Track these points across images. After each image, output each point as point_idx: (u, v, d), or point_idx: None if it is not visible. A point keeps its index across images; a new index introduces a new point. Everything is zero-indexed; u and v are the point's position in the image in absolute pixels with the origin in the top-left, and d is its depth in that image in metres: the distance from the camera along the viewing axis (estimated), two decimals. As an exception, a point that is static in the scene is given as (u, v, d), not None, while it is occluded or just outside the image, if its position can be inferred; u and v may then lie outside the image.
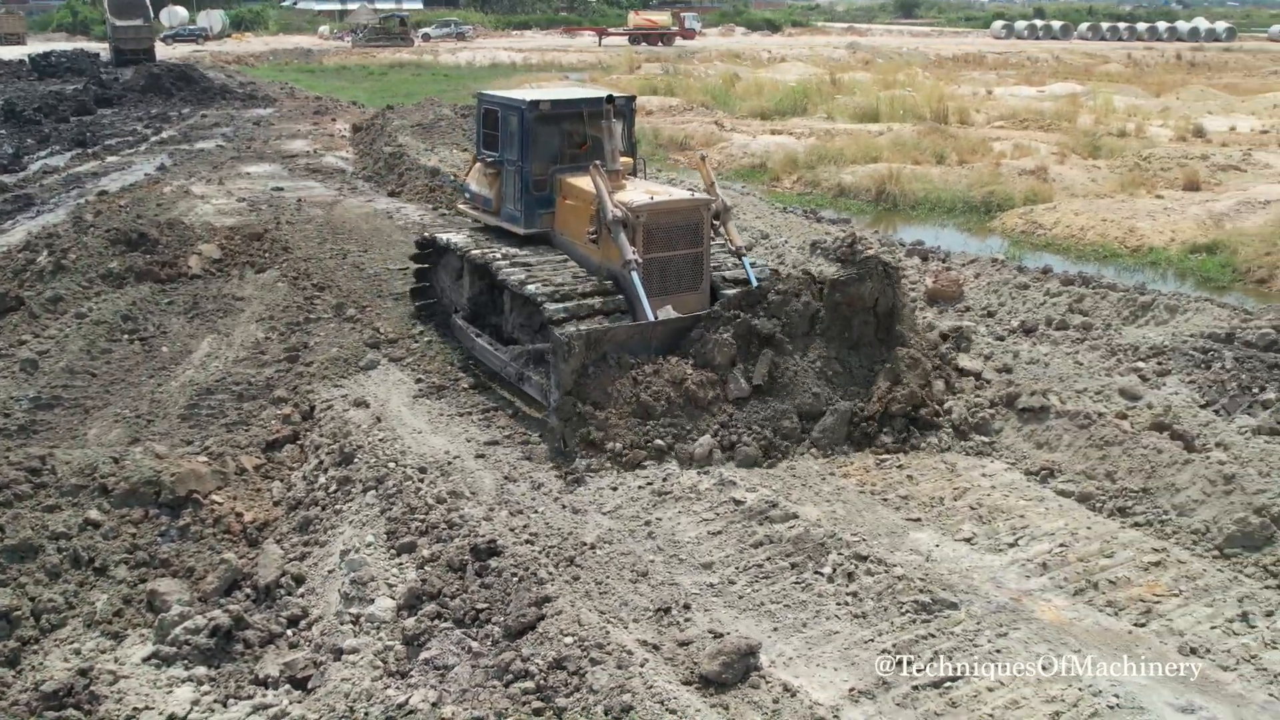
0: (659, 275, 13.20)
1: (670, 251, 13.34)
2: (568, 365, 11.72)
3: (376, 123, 33.95)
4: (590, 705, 7.50)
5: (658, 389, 11.81)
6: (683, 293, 13.44)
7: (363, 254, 20.22)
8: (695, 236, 13.52)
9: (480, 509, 10.37)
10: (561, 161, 14.68)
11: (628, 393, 11.79)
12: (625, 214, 12.96)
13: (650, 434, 11.57)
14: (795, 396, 12.04)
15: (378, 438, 11.91)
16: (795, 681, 7.78)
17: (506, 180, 14.99)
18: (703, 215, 13.59)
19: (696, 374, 11.97)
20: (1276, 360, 12.96)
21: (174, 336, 16.08)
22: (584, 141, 14.71)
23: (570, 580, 9.18)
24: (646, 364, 12.05)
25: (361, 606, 9.29)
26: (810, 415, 11.99)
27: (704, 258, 13.66)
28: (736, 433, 11.65)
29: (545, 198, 14.64)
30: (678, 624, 8.53)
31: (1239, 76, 69.69)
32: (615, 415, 11.66)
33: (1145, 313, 15.30)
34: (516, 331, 14.16)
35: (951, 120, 43.33)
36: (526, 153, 14.41)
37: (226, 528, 10.92)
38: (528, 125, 14.30)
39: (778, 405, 11.92)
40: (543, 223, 14.74)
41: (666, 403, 11.77)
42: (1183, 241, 24.40)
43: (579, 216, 13.95)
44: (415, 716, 7.87)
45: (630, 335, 12.34)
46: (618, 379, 11.87)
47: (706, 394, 11.88)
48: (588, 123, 14.60)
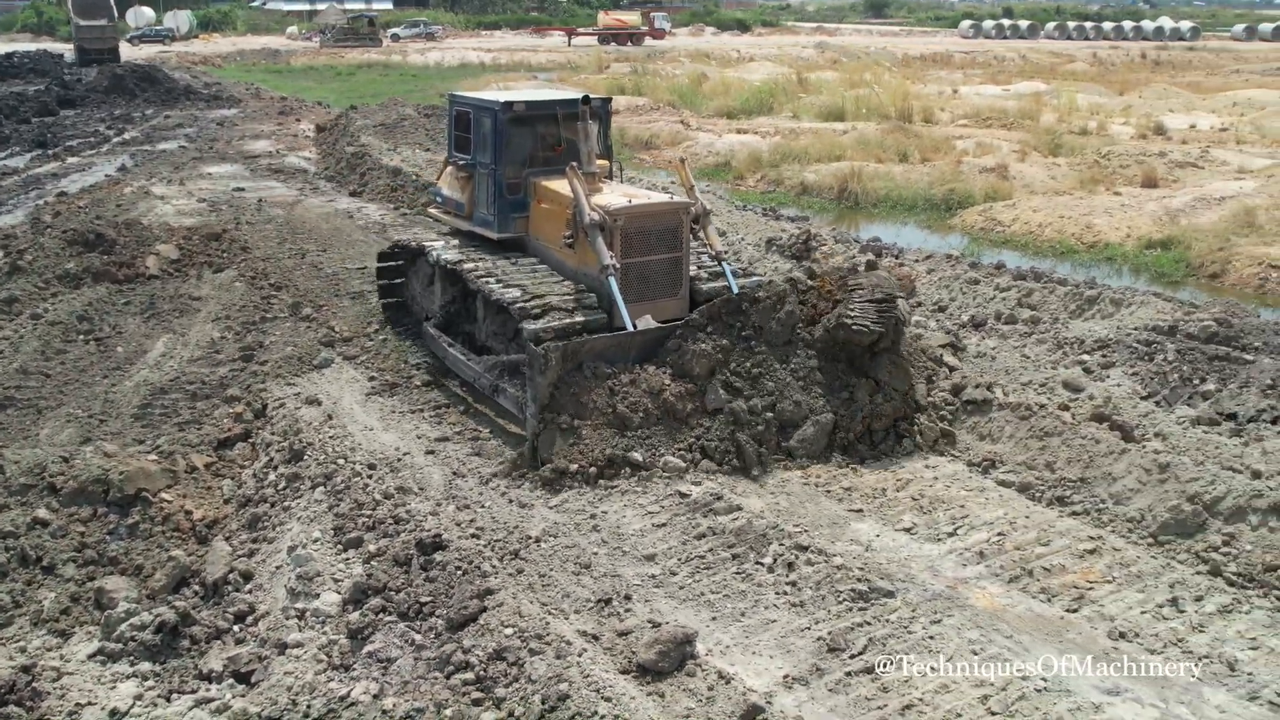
0: (637, 280, 12.87)
1: (648, 256, 13.00)
2: (544, 378, 11.36)
3: (340, 123, 33.92)
4: (528, 695, 7.60)
5: (634, 400, 11.50)
6: (661, 298, 13.15)
7: (321, 254, 20.24)
8: (674, 240, 13.21)
9: (427, 504, 10.45)
10: (535, 164, 14.31)
11: (604, 403, 11.46)
12: (602, 218, 12.60)
13: (627, 446, 11.22)
14: (776, 404, 11.71)
15: (328, 435, 11.96)
16: (730, 669, 7.90)
17: (479, 184, 14.63)
18: (681, 219, 13.27)
19: (675, 385, 11.67)
20: (1217, 352, 13.19)
21: (129, 337, 16.05)
22: (558, 144, 14.37)
23: (514, 573, 9.27)
24: (624, 373, 11.72)
25: (307, 601, 9.35)
26: (790, 423, 11.68)
27: (683, 262, 13.34)
28: (711, 442, 11.36)
29: (519, 201, 14.26)
30: (618, 615, 8.63)
31: (1202, 75, 70.45)
32: (590, 427, 11.33)
33: (1091, 306, 15.54)
34: (490, 340, 13.84)
35: (916, 119, 43.64)
36: (500, 155, 14.03)
37: (176, 525, 10.93)
38: (501, 127, 13.92)
39: (756, 407, 11.61)
40: (517, 227, 14.36)
41: (644, 414, 11.45)
42: (1138, 237, 24.71)
43: (554, 221, 13.57)
44: (356, 708, 7.94)
45: (608, 346, 11.96)
46: (594, 389, 11.52)
47: (685, 406, 11.56)
48: (562, 124, 14.26)
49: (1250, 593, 9.06)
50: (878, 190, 30.36)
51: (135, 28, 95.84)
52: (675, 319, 12.67)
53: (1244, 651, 8.27)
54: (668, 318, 12.80)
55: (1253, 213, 25.39)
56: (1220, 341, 13.58)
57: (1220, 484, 9.92)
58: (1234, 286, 21.65)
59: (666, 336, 12.19)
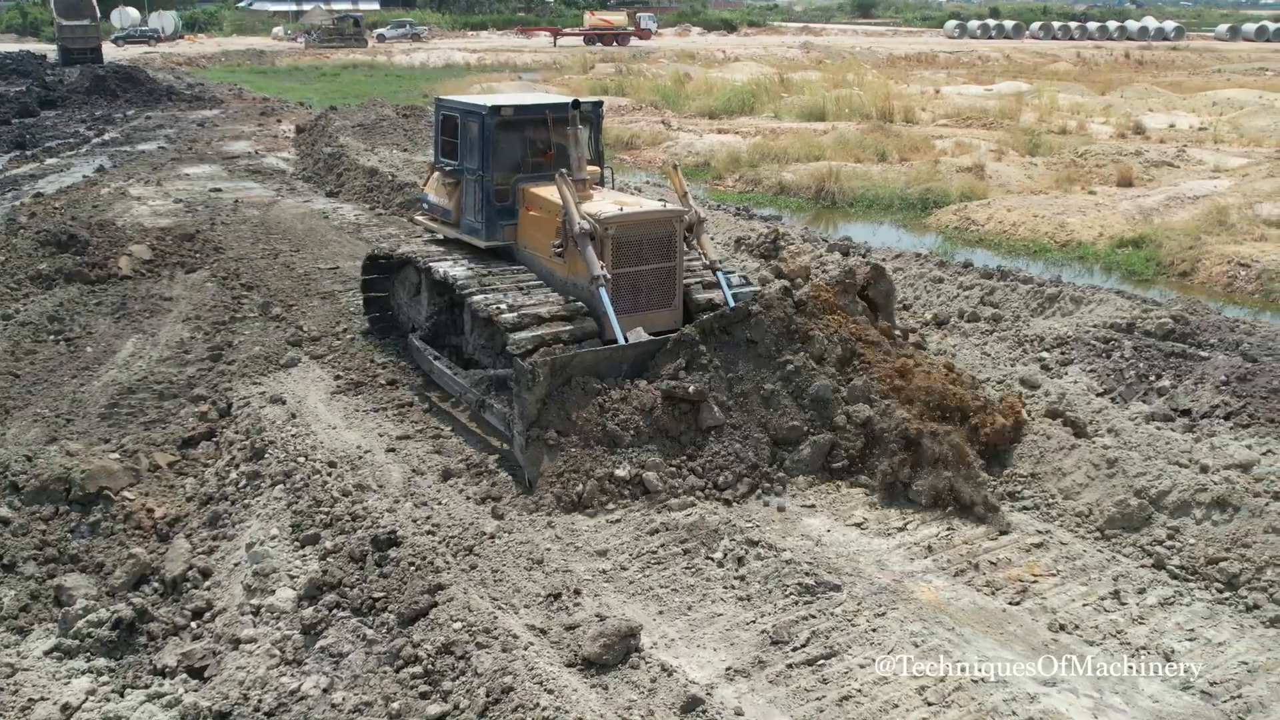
0: (629, 291, 12.51)
1: (640, 266, 12.62)
2: (531, 394, 10.91)
3: (320, 123, 33.95)
4: (473, 688, 7.71)
5: (625, 417, 11.08)
6: (654, 309, 12.78)
7: (295, 254, 20.32)
8: (667, 250, 12.81)
9: (385, 501, 10.56)
10: (524, 170, 13.96)
11: (593, 421, 11.05)
12: (593, 226, 12.23)
13: (616, 464, 10.83)
14: (770, 422, 11.31)
15: (290, 433, 12.05)
16: (674, 662, 8.02)
17: (466, 190, 14.28)
18: (675, 227, 12.87)
19: (668, 402, 11.20)
20: (1173, 349, 13.35)
21: (99, 337, 16.10)
22: (548, 149, 14.05)
23: (467, 569, 9.38)
24: (614, 389, 11.29)
25: (263, 597, 9.44)
26: (785, 442, 11.27)
27: (676, 272, 12.93)
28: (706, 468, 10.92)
29: (507, 208, 13.89)
30: (567, 609, 8.74)
31: (1184, 75, 70.80)
32: (579, 445, 10.92)
33: (1052, 304, 15.70)
34: (478, 353, 13.44)
35: (897, 119, 43.85)
36: (487, 161, 13.66)
37: (137, 523, 11.01)
38: (489, 132, 13.54)
39: (751, 434, 11.21)
40: (505, 235, 13.99)
41: (635, 433, 11.02)
42: (1110, 236, 24.89)
43: (543, 229, 13.20)
44: (306, 702, 8.04)
45: (599, 360, 11.51)
46: (583, 406, 11.10)
47: (678, 425, 11.15)
48: (552, 129, 13.92)
49: (1191, 585, 9.20)
50: (855, 190, 30.52)
51: (120, 28, 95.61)
52: (669, 330, 12.38)
53: (1181, 643, 8.41)
54: (661, 329, 12.49)
55: (1225, 212, 25.61)
56: (1177, 339, 13.74)
57: (1166, 478, 10.07)
58: (1203, 285, 21.86)
59: (659, 349, 11.78)
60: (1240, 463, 10.47)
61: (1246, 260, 22.22)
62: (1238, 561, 9.22)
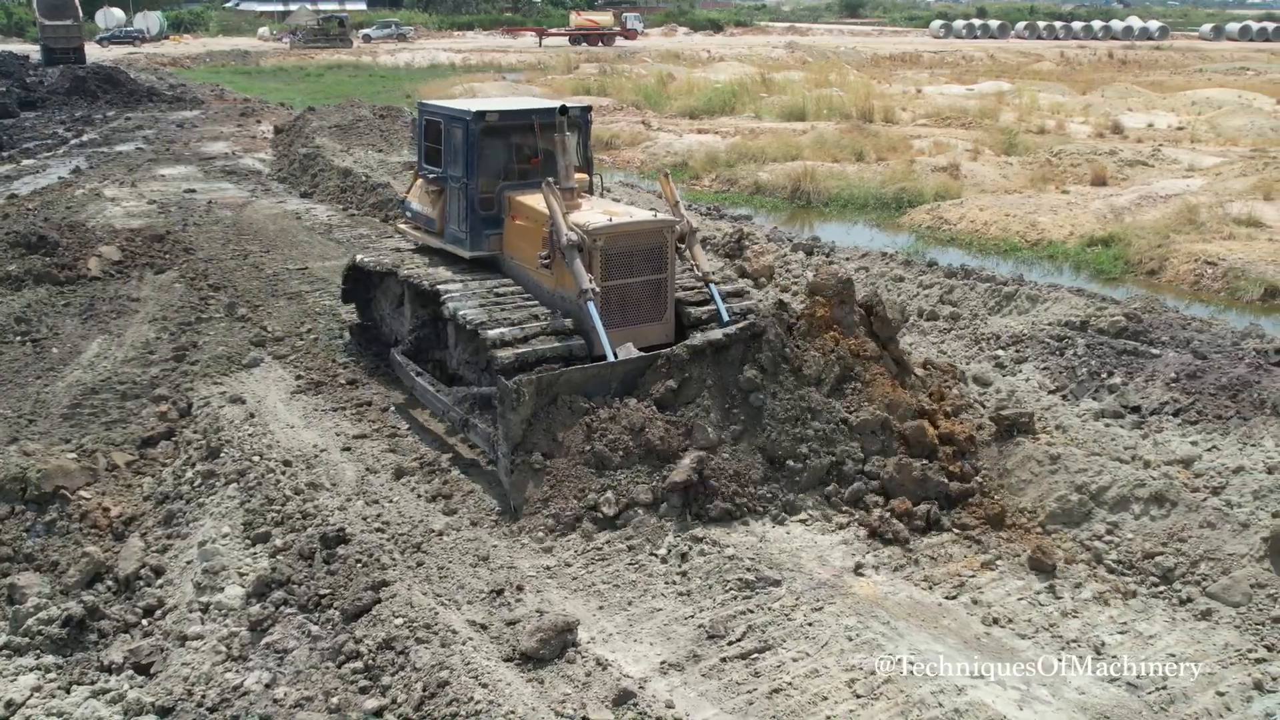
0: (618, 304, 12.14)
1: (630, 278, 12.22)
2: (516, 415, 10.49)
3: (297, 124, 34.01)
4: (411, 682, 7.82)
5: (614, 437, 10.63)
6: (644, 323, 12.39)
7: (264, 254, 20.41)
8: (658, 261, 12.41)
9: (337, 499, 10.67)
10: (510, 178, 13.52)
11: (580, 442, 10.63)
12: (581, 238, 11.79)
13: (602, 489, 10.37)
14: (768, 444, 10.83)
15: (247, 432, 12.14)
16: (610, 656, 8.14)
17: (450, 198, 13.81)
18: (666, 238, 12.43)
19: (658, 421, 10.78)
20: (1125, 346, 13.49)
21: (66, 338, 16.16)
22: (535, 155, 13.60)
23: (414, 566, 9.49)
24: (603, 408, 10.85)
25: (211, 595, 9.53)
26: (781, 461, 10.80)
27: (667, 284, 12.54)
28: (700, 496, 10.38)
29: (493, 217, 13.44)
30: (508, 605, 8.85)
31: (1166, 74, 71.11)
32: (565, 466, 10.53)
33: (1009, 303, 15.85)
34: (462, 368, 13.02)
35: (877, 118, 44.05)
36: (472, 168, 13.21)
37: (93, 523, 11.08)
38: (473, 138, 13.09)
39: (746, 458, 10.74)
40: (490, 245, 13.52)
41: (624, 454, 10.57)
42: (1081, 235, 25.06)
43: (530, 239, 12.71)
44: (249, 698, 8.13)
45: (587, 378, 11.07)
46: (570, 426, 10.69)
47: (669, 445, 10.66)
48: (539, 135, 13.47)
49: (1128, 579, 9.34)
50: (830, 190, 30.64)
51: (105, 29, 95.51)
52: (660, 345, 12.05)
53: (1112, 636, 8.55)
54: (652, 344, 12.13)
55: (1195, 210, 25.81)
56: (1129, 336, 13.89)
57: (1107, 474, 10.21)
58: (1170, 283, 22.04)
59: (649, 366, 11.33)
60: (1181, 458, 10.61)
61: (1213, 259, 22.39)
62: (1173, 556, 9.37)
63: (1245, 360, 12.79)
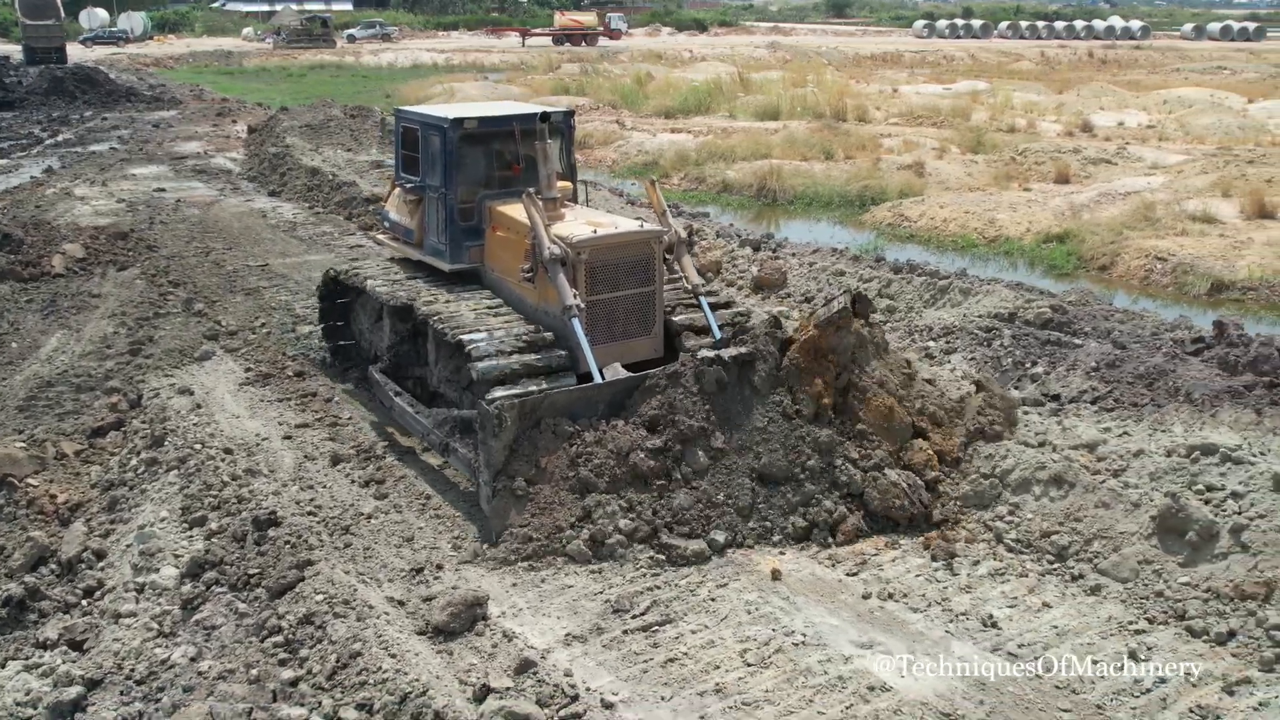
0: (604, 319, 11.69)
1: (616, 292, 11.77)
2: (498, 440, 10.12)
3: (269, 124, 34.35)
4: (326, 654, 8.21)
5: (599, 462, 10.22)
6: (632, 338, 12.00)
7: (226, 251, 20.77)
8: (645, 274, 11.97)
9: (273, 485, 11.04)
10: (491, 186, 13.08)
11: (564, 467, 10.20)
12: (564, 250, 11.33)
13: (587, 516, 10.01)
14: (760, 467, 10.50)
15: (192, 422, 12.50)
16: (518, 629, 8.54)
17: (429, 208, 13.37)
18: (654, 249, 12.03)
19: (646, 445, 10.35)
20: (1050, 337, 13.93)
21: (26, 333, 16.50)
22: (515, 162, 13.18)
23: (341, 547, 9.87)
24: (588, 431, 10.41)
25: (147, 575, 9.89)
26: (772, 481, 10.49)
27: (656, 297, 12.10)
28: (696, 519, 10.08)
29: (473, 228, 12.97)
30: (426, 582, 9.25)
31: (1144, 73, 71.66)
32: (548, 491, 10.12)
33: (943, 296, 16.29)
34: (443, 385, 12.61)
35: (850, 117, 44.50)
36: (451, 178, 12.77)
37: (40, 509, 11.44)
38: (451, 146, 12.65)
39: (739, 478, 10.38)
40: (471, 257, 13.05)
41: (609, 479, 10.17)
42: (1037, 232, 25.53)
43: (512, 250, 12.27)
44: (174, 670, 8.51)
45: (572, 400, 10.66)
46: (554, 450, 10.26)
47: (657, 468, 10.28)
48: (519, 141, 13.00)
49: (1025, 557, 9.76)
50: (796, 188, 31.08)
51: (88, 29, 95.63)
52: (648, 360, 11.84)
53: (1002, 609, 8.96)
54: (639, 359, 11.88)
55: (1151, 207, 26.29)
56: (1054, 327, 14.34)
57: (1011, 458, 10.62)
58: (1121, 278, 22.50)
59: (637, 386, 10.87)
60: (1086, 443, 11.01)
61: (1164, 254, 22.86)
62: (1068, 534, 9.79)
63: (1163, 350, 13.24)
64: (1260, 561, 8.75)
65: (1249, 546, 8.91)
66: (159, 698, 8.27)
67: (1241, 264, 22.06)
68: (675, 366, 10.91)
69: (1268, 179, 29.56)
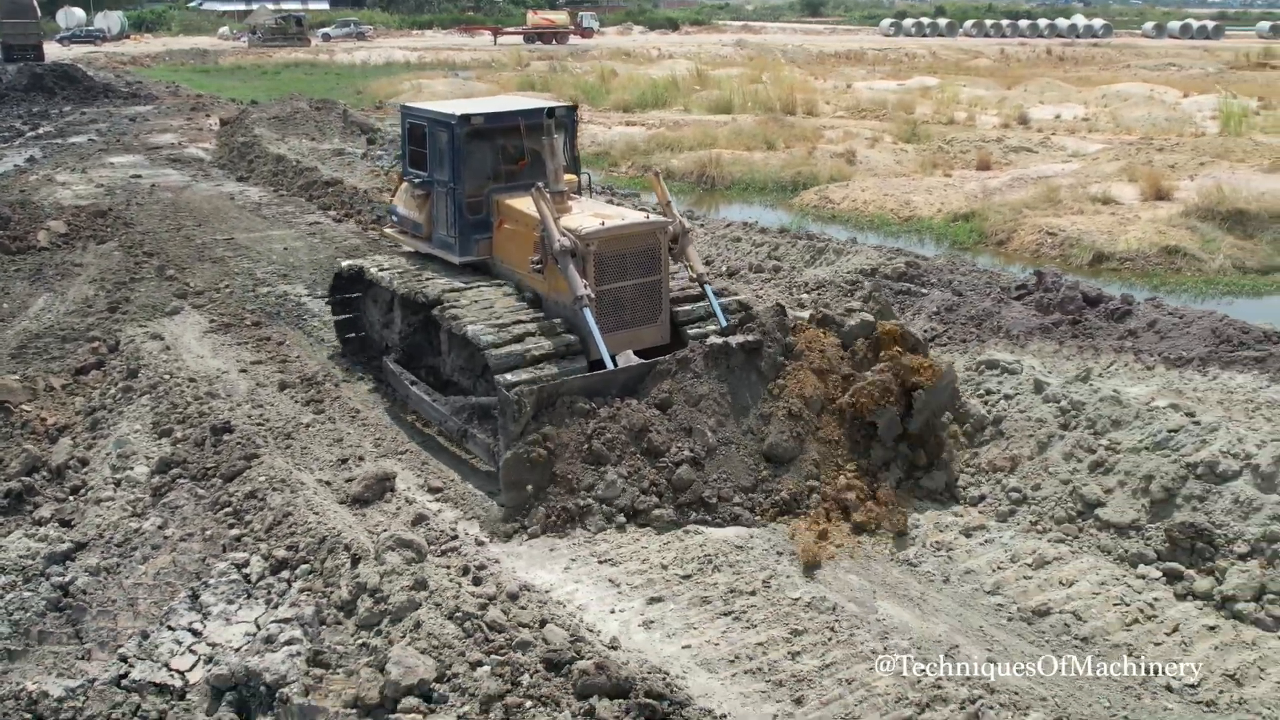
0: (612, 308, 12.10)
1: (624, 281, 12.19)
2: (517, 425, 10.59)
3: (240, 117, 36.42)
4: (265, 517, 10.38)
5: (612, 436, 10.73)
6: (639, 325, 12.43)
7: (197, 228, 22.90)
8: (652, 264, 12.38)
9: (229, 404, 13.18)
10: (497, 180, 13.46)
11: (578, 439, 10.69)
12: (574, 243, 11.73)
13: (597, 488, 10.52)
14: (766, 448, 11.01)
15: (162, 360, 14.63)
16: (418, 497, 10.75)
17: (437, 203, 13.70)
18: (659, 239, 12.42)
19: (659, 423, 10.90)
20: (903, 287, 16.19)
21: (15, 296, 18.56)
22: (521, 157, 13.56)
23: (283, 447, 12.05)
24: (603, 408, 10.91)
25: (123, 472, 12.02)
26: (780, 460, 10.99)
27: (662, 286, 12.53)
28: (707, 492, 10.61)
29: (481, 221, 13.37)
30: (350, 469, 11.43)
31: (1096, 70, 74.04)
32: (562, 463, 10.59)
33: (820, 256, 18.56)
34: (456, 374, 13.09)
35: (799, 111, 46.76)
36: (459, 172, 13.15)
37: (33, 429, 13.54)
38: (459, 142, 13.03)
39: (742, 460, 10.91)
40: (479, 250, 13.46)
41: (621, 451, 10.69)
42: (947, 212, 27.84)
43: (520, 243, 12.72)
44: (145, 534, 10.64)
45: (588, 386, 11.13)
46: (568, 426, 10.74)
47: (669, 446, 10.78)
48: (525, 136, 13.43)
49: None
50: (734, 175, 33.36)
51: (65, 28, 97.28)
52: (655, 347, 12.31)
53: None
54: (647, 346, 12.29)
55: (1056, 190, 28.60)
56: (907, 279, 16.59)
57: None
58: (1016, 251, 24.79)
59: (649, 372, 11.37)
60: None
61: (1054, 230, 25.17)
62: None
63: (991, 296, 15.51)
64: (1010, 444, 11.00)
65: (1005, 433, 11.16)
66: (132, 554, 10.41)
67: (1124, 238, 24.39)
68: (685, 352, 11.43)
69: (1171, 165, 31.97)
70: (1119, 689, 7.88)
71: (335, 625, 8.63)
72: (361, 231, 22.85)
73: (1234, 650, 8.22)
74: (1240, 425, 10.00)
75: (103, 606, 9.60)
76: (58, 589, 9.82)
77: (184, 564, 10.11)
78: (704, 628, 8.60)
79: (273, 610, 9.15)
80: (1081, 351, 13.06)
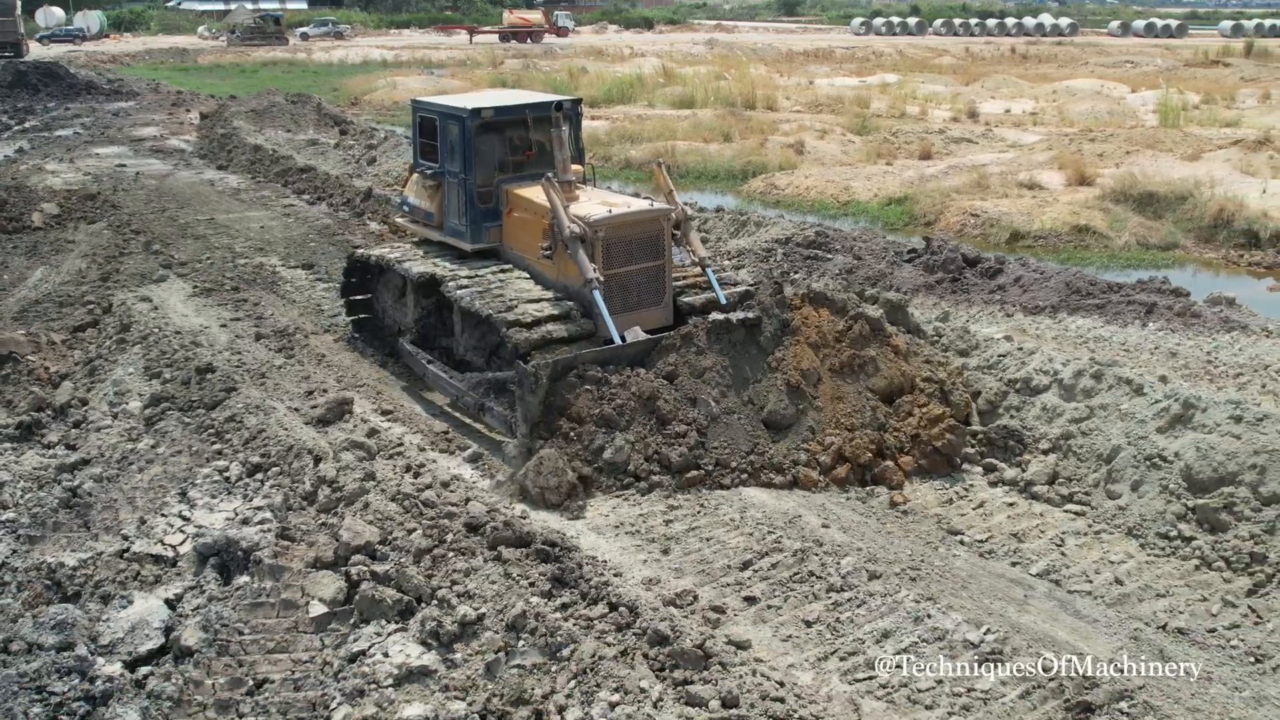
0: (619, 291, 12.68)
1: (631, 266, 12.83)
2: (535, 396, 11.25)
3: (219, 110, 38.23)
4: (242, 434, 12.30)
5: (622, 402, 11.41)
6: (644, 308, 13.01)
7: (180, 210, 24.77)
8: (656, 249, 13.01)
9: (211, 351, 15.07)
10: (506, 171, 14.15)
11: (590, 404, 11.40)
12: (583, 229, 12.37)
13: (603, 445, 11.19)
14: (767, 416, 11.74)
15: (151, 317, 16.51)
16: (372, 417, 12.68)
17: (449, 193, 14.41)
18: (663, 226, 13.08)
19: (666, 392, 11.58)
20: (811, 254, 18.21)
21: (14, 270, 20.40)
22: (529, 149, 14.22)
23: (258, 383, 13.95)
24: (614, 374, 11.63)
25: (119, 407, 13.93)
26: (778, 426, 11.71)
27: (666, 271, 13.18)
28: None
29: (491, 210, 14.05)
30: (315, 399, 13.34)
31: (1055, 68, 76.23)
32: (574, 425, 11.33)
33: (743, 229, 20.57)
34: (469, 353, 13.79)
35: (759, 106, 48.77)
36: (470, 164, 13.79)
37: (37, 376, 15.42)
38: (470, 135, 13.68)
39: (744, 428, 11.57)
40: (490, 237, 14.14)
41: (630, 415, 11.36)
42: (883, 197, 29.89)
43: (530, 230, 13.39)
44: (139, 450, 12.55)
45: (599, 359, 11.86)
46: (580, 392, 11.48)
47: (676, 412, 11.47)
48: (532, 128, 14.14)
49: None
50: (689, 164, 35.31)
51: (45, 27, 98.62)
52: (660, 328, 12.84)
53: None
54: (652, 328, 12.82)
55: (986, 177, 30.68)
56: (815, 246, 18.61)
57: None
58: (942, 230, 26.75)
59: (655, 347, 12.10)
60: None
61: (977, 211, 27.22)
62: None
63: (886, 259, 17.54)
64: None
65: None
66: (129, 467, 12.33)
67: (1040, 219, 26.47)
68: (689, 327, 12.21)
69: (1099, 154, 34.11)
70: (921, 543, 9.90)
71: (300, 510, 10.57)
72: (332, 213, 24.71)
73: (1023, 519, 10.28)
74: (1056, 351, 12.05)
75: (106, 504, 11.53)
76: (68, 491, 11.75)
77: (174, 472, 12.04)
78: (598, 506, 10.59)
79: (249, 502, 11.11)
80: (957, 305, 15.10)
